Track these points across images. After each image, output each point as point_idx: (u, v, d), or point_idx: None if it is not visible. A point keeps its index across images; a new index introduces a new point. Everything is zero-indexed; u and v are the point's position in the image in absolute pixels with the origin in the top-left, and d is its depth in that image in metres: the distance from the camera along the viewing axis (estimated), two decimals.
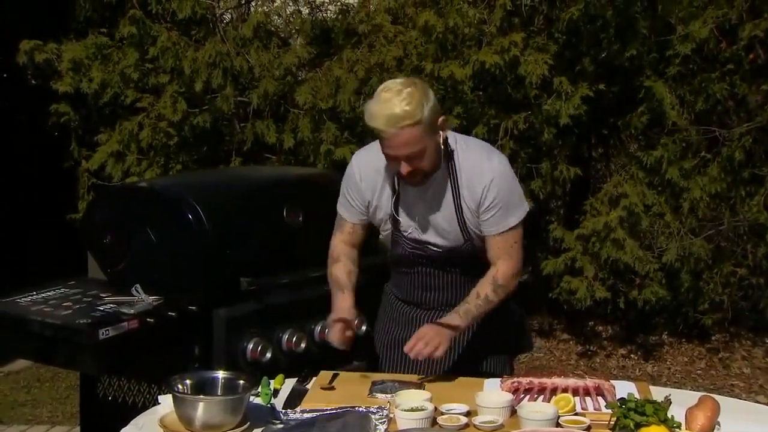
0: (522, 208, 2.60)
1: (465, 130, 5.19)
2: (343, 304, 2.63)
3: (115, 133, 5.54)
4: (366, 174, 2.63)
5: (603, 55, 5.38)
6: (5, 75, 6.92)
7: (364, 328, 3.07)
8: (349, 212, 2.70)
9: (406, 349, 2.45)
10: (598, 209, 5.25)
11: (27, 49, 5.46)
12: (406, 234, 2.64)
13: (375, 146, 2.56)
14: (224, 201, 3.09)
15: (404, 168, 2.45)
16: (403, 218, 2.62)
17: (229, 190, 3.25)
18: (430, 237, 2.62)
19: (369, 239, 2.80)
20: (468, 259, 2.62)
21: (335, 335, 2.56)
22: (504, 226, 2.56)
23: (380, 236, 2.75)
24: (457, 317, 2.52)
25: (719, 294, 5.40)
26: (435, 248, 2.63)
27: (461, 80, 4.97)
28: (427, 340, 2.45)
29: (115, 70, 5.45)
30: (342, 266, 2.70)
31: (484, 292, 2.55)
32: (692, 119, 5.29)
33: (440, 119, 2.48)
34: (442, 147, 2.52)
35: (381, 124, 2.39)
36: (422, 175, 2.49)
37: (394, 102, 2.37)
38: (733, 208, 5.39)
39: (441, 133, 2.50)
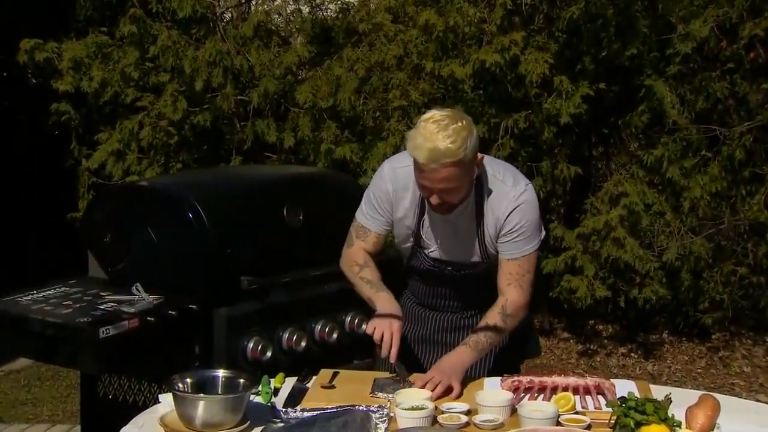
0: (540, 236, 2.60)
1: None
2: (390, 303, 2.57)
3: (115, 132, 5.54)
4: (398, 188, 2.60)
5: (603, 54, 5.39)
6: (5, 74, 6.93)
7: (364, 326, 3.07)
8: (375, 222, 2.67)
9: (418, 385, 2.39)
10: (599, 208, 5.25)
11: (27, 48, 5.46)
12: (426, 252, 2.65)
13: (406, 157, 2.50)
14: (225, 200, 3.09)
15: (435, 200, 2.43)
16: (426, 237, 2.62)
17: (229, 189, 3.25)
18: (450, 257, 2.63)
19: None
20: (484, 278, 2.63)
21: (392, 353, 2.46)
22: (519, 253, 2.55)
23: (395, 241, 2.74)
24: (467, 350, 2.49)
25: (719, 293, 5.40)
26: (453, 269, 2.64)
27: (461, 79, 4.97)
28: (442, 381, 2.39)
29: (115, 69, 5.46)
30: (373, 270, 2.67)
31: (493, 322, 2.53)
32: (693, 118, 5.29)
33: (479, 156, 2.46)
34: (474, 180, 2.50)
35: (422, 158, 2.35)
36: (450, 206, 2.49)
37: (439, 137, 2.33)
38: (734, 206, 5.39)
39: (477, 169, 2.47)
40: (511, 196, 2.53)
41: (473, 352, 2.49)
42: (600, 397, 2.29)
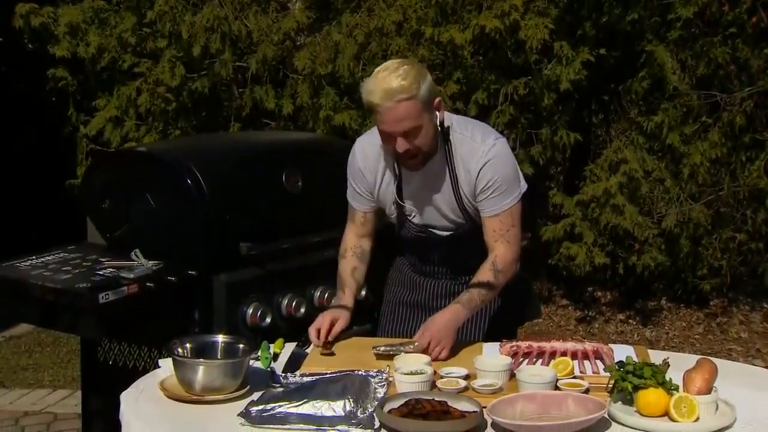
0: (518, 189, 2.60)
1: (464, 95, 5.17)
2: (339, 302, 2.64)
3: (113, 98, 5.51)
4: (368, 159, 2.63)
5: (604, 20, 5.34)
6: (1, 39, 6.88)
7: (363, 292, 3.08)
8: (357, 201, 2.70)
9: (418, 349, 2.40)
10: (598, 175, 5.24)
11: (23, 13, 5.41)
12: (410, 218, 2.65)
13: (375, 132, 2.55)
14: (223, 166, 3.08)
15: (400, 146, 2.43)
16: (407, 203, 2.63)
17: (228, 155, 3.24)
18: (432, 221, 2.64)
19: None
20: (471, 238, 2.62)
21: (311, 333, 2.51)
22: (500, 208, 2.55)
23: (386, 212, 2.74)
24: (460, 308, 2.50)
25: (718, 259, 5.41)
26: (438, 232, 2.64)
27: (461, 45, 4.94)
28: (436, 339, 2.41)
29: (112, 35, 5.42)
30: (347, 263, 2.71)
31: (485, 279, 2.53)
32: (693, 84, 5.26)
33: (437, 99, 2.48)
34: (439, 129, 2.51)
35: (377, 98, 2.38)
36: (420, 156, 2.49)
37: (390, 77, 2.38)
38: (733, 173, 5.38)
39: (437, 114, 2.49)
40: (480, 152, 2.52)
41: (466, 310, 2.50)
42: (598, 362, 2.30)
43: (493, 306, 2.71)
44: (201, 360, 2.18)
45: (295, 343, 2.54)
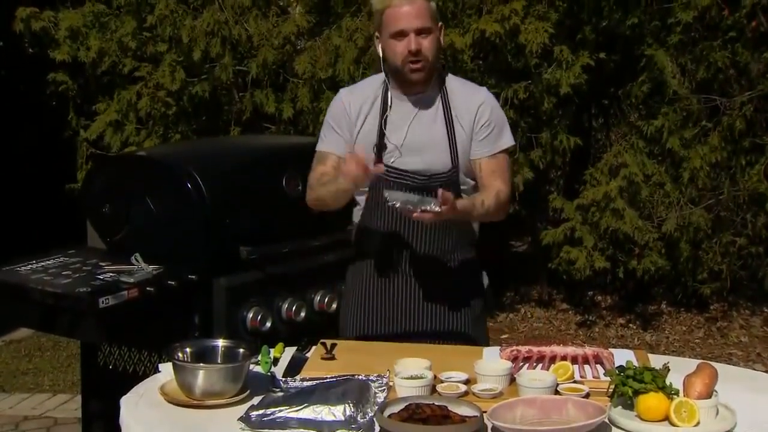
0: (510, 135, 2.66)
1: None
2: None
3: (113, 102, 5.52)
4: (353, 98, 2.64)
5: (604, 24, 5.35)
6: (1, 43, 6.88)
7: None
8: (334, 143, 2.63)
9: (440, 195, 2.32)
10: (598, 179, 5.24)
11: (23, 17, 5.42)
12: (389, 163, 2.56)
13: (360, 82, 2.69)
14: (223, 170, 3.08)
15: (414, 43, 2.49)
16: (390, 135, 2.57)
17: (228, 159, 3.24)
18: (414, 161, 2.56)
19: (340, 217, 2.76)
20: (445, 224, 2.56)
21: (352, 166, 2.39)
22: (497, 147, 2.60)
23: (354, 209, 2.69)
24: (462, 203, 2.45)
25: (718, 263, 5.41)
26: (415, 176, 2.57)
27: (461, 49, 4.94)
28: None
29: (112, 39, 5.42)
30: (324, 179, 2.61)
31: (488, 203, 2.53)
32: (693, 88, 5.27)
33: (440, 23, 2.58)
34: (440, 56, 2.60)
35: None
36: (424, 66, 2.52)
37: None
38: (733, 177, 5.39)
39: (440, 38, 2.58)
40: (479, 91, 2.65)
41: (465, 207, 2.45)
42: (598, 366, 2.29)
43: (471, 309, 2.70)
44: (201, 364, 2.17)
45: (295, 348, 2.53)
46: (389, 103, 2.60)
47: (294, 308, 3.05)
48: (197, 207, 2.91)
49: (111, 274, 2.80)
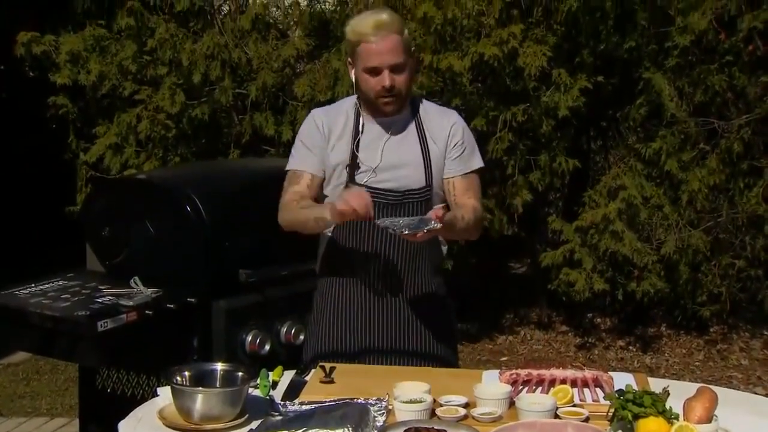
0: (480, 157, 2.69)
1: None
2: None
3: (113, 125, 5.53)
4: (326, 118, 2.64)
5: (602, 47, 5.38)
6: (3, 67, 6.92)
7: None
8: (308, 162, 2.61)
9: (432, 214, 2.34)
10: (597, 201, 5.25)
11: (25, 41, 5.45)
12: (362, 182, 2.56)
13: (333, 104, 2.72)
14: (223, 193, 3.09)
15: (388, 80, 2.49)
16: (363, 156, 2.56)
17: (227, 182, 3.25)
18: (388, 180, 2.57)
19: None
20: (418, 210, 2.56)
21: (354, 199, 2.36)
22: (470, 167, 2.64)
23: (325, 190, 2.65)
24: (455, 217, 2.48)
25: (717, 286, 5.40)
26: (389, 194, 2.57)
27: (460, 72, 4.97)
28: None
29: (113, 62, 5.45)
30: (304, 203, 2.59)
31: (467, 217, 2.54)
32: (691, 111, 5.29)
33: (413, 48, 2.68)
34: (412, 84, 2.63)
35: (370, 29, 2.48)
36: (397, 100, 2.54)
37: (379, 13, 2.54)
38: (732, 199, 5.39)
39: (415, 66, 2.66)
40: (451, 113, 2.70)
41: (450, 221, 2.42)
42: (598, 390, 2.29)
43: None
44: (200, 388, 2.17)
45: (294, 371, 2.53)
46: (361, 127, 2.61)
47: (293, 331, 3.04)
48: (196, 230, 2.91)
49: (110, 297, 2.81)
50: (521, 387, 2.32)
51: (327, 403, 2.21)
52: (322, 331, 2.70)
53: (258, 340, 2.92)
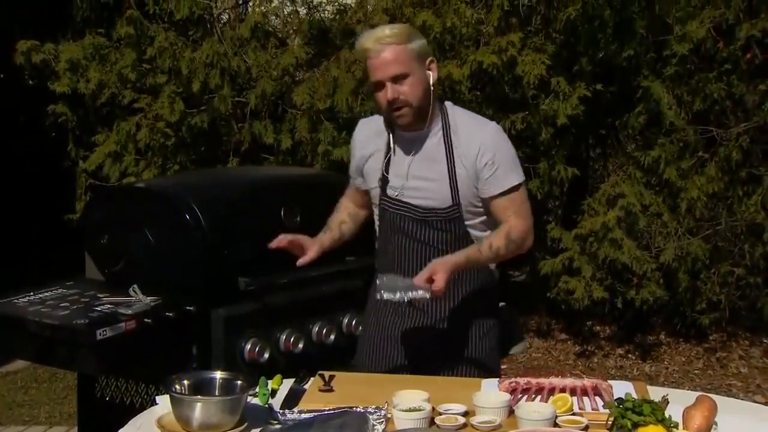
0: (521, 171, 2.60)
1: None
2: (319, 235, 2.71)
3: (112, 133, 5.54)
4: (365, 129, 2.72)
5: (601, 55, 5.39)
6: (2, 75, 6.93)
7: (361, 328, 3.07)
8: (353, 168, 2.77)
9: (417, 280, 2.39)
10: (596, 209, 5.25)
11: (24, 50, 5.46)
12: (392, 196, 2.61)
13: (376, 116, 2.68)
14: (222, 201, 3.09)
15: (390, 92, 2.47)
16: (392, 177, 2.60)
17: (226, 190, 3.25)
18: (414, 195, 2.59)
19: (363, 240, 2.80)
20: (444, 227, 2.58)
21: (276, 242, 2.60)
22: (506, 185, 2.55)
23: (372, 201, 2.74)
24: (464, 259, 2.49)
25: (717, 294, 5.40)
26: (416, 210, 2.60)
27: (459, 80, 4.97)
28: (432, 270, 2.40)
29: (112, 71, 5.45)
30: (338, 215, 2.78)
31: (496, 245, 2.52)
32: (690, 119, 5.29)
33: (429, 59, 2.54)
34: (432, 90, 2.53)
35: (369, 43, 2.49)
36: (409, 110, 2.51)
37: (383, 28, 2.53)
38: (731, 207, 5.40)
39: (430, 73, 2.53)
40: (483, 129, 2.58)
41: (467, 264, 2.50)
42: (597, 398, 2.29)
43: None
44: (199, 397, 2.16)
45: (293, 379, 2.52)
46: (391, 143, 2.62)
47: (292, 339, 3.04)
48: (195, 238, 2.91)
49: (109, 305, 2.80)
50: (520, 395, 2.32)
51: (326, 412, 2.21)
52: (367, 330, 2.80)
53: (257, 349, 2.92)
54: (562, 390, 2.32)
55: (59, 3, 6.40)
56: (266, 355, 2.94)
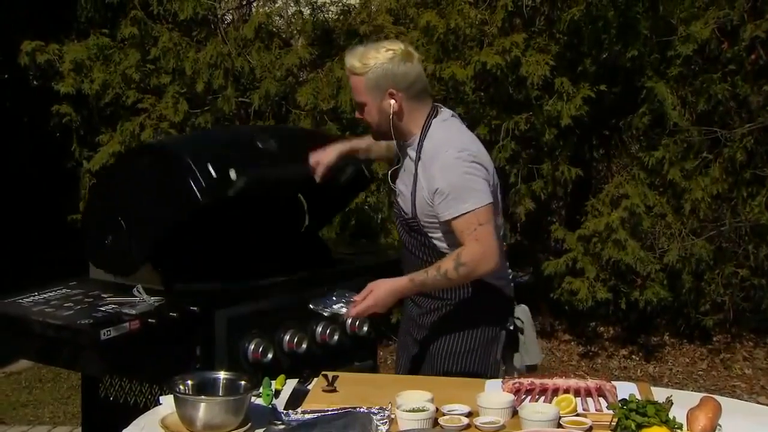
0: (478, 197, 2.56)
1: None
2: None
3: (116, 133, 5.54)
4: None
5: (604, 56, 5.39)
6: (7, 76, 6.94)
7: (365, 328, 3.08)
8: None
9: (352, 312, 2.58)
10: (600, 210, 5.25)
11: (29, 50, 5.46)
12: (394, 199, 2.82)
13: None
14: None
15: (356, 113, 2.74)
16: (395, 185, 2.79)
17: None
18: (398, 201, 2.77)
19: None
20: (414, 233, 2.70)
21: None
22: (458, 211, 2.56)
23: None
24: (407, 282, 2.58)
25: (721, 295, 5.40)
26: (399, 213, 2.77)
27: (463, 81, 4.97)
28: (366, 296, 2.55)
29: (116, 71, 5.46)
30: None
31: (445, 267, 2.55)
32: (694, 120, 5.29)
33: (390, 90, 2.61)
34: (392, 116, 2.62)
35: (346, 68, 2.70)
36: (373, 130, 2.72)
37: (359, 52, 2.65)
38: (735, 208, 5.39)
39: (390, 102, 2.61)
40: (439, 157, 2.58)
41: (411, 286, 2.58)
42: (601, 399, 2.29)
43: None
44: (202, 397, 2.17)
45: (297, 380, 2.53)
46: (397, 150, 2.77)
47: (296, 340, 3.04)
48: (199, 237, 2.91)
49: (113, 305, 2.80)
50: (524, 396, 2.32)
51: (329, 412, 2.21)
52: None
53: (260, 349, 2.92)
54: (566, 391, 2.32)
55: (63, 3, 6.41)
56: (270, 356, 2.94)
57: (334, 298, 2.65)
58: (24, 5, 6.57)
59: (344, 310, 2.62)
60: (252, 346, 2.92)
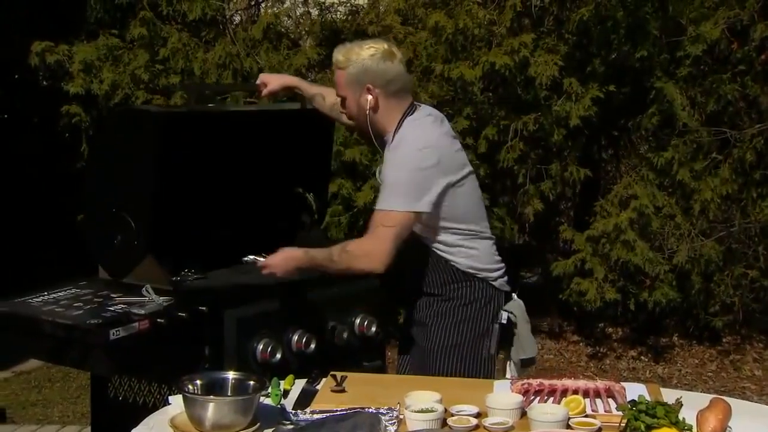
0: (404, 202, 2.60)
1: (475, 131, 5.19)
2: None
3: None
4: None
5: (613, 56, 5.38)
6: (17, 76, 6.96)
7: (374, 329, 3.08)
8: None
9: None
10: (609, 210, 5.24)
11: (38, 51, 5.48)
12: None
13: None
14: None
15: (340, 105, 2.81)
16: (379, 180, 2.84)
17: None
18: None
19: None
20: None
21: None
22: (380, 204, 2.65)
23: None
24: (302, 254, 2.71)
25: (730, 296, 5.38)
26: None
27: (471, 81, 4.97)
28: (269, 259, 2.72)
29: (125, 71, 5.47)
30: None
31: (332, 250, 2.69)
32: (703, 120, 5.28)
33: (368, 85, 2.68)
34: (368, 111, 2.70)
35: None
36: (353, 123, 2.83)
37: (346, 47, 2.73)
38: (744, 209, 5.37)
39: (367, 97, 2.69)
40: (397, 148, 2.68)
41: (305, 258, 2.71)
42: (610, 400, 2.28)
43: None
44: (211, 397, 2.17)
45: (306, 380, 2.53)
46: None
47: (304, 340, 3.03)
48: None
49: (122, 305, 2.81)
50: (533, 397, 2.32)
51: (338, 412, 2.21)
52: None
53: (269, 349, 2.91)
54: (575, 392, 2.31)
55: (73, 4, 6.44)
56: (278, 356, 2.93)
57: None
58: (34, 6, 6.59)
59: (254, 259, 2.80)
60: (261, 346, 2.91)
